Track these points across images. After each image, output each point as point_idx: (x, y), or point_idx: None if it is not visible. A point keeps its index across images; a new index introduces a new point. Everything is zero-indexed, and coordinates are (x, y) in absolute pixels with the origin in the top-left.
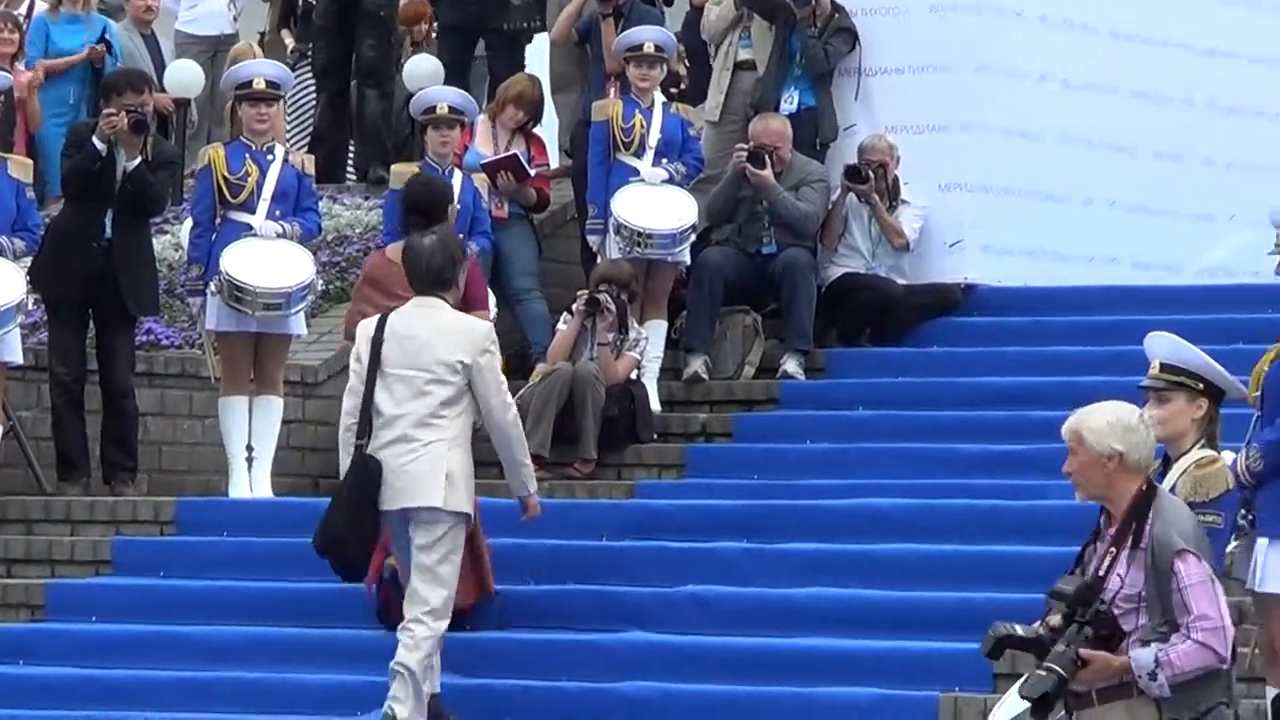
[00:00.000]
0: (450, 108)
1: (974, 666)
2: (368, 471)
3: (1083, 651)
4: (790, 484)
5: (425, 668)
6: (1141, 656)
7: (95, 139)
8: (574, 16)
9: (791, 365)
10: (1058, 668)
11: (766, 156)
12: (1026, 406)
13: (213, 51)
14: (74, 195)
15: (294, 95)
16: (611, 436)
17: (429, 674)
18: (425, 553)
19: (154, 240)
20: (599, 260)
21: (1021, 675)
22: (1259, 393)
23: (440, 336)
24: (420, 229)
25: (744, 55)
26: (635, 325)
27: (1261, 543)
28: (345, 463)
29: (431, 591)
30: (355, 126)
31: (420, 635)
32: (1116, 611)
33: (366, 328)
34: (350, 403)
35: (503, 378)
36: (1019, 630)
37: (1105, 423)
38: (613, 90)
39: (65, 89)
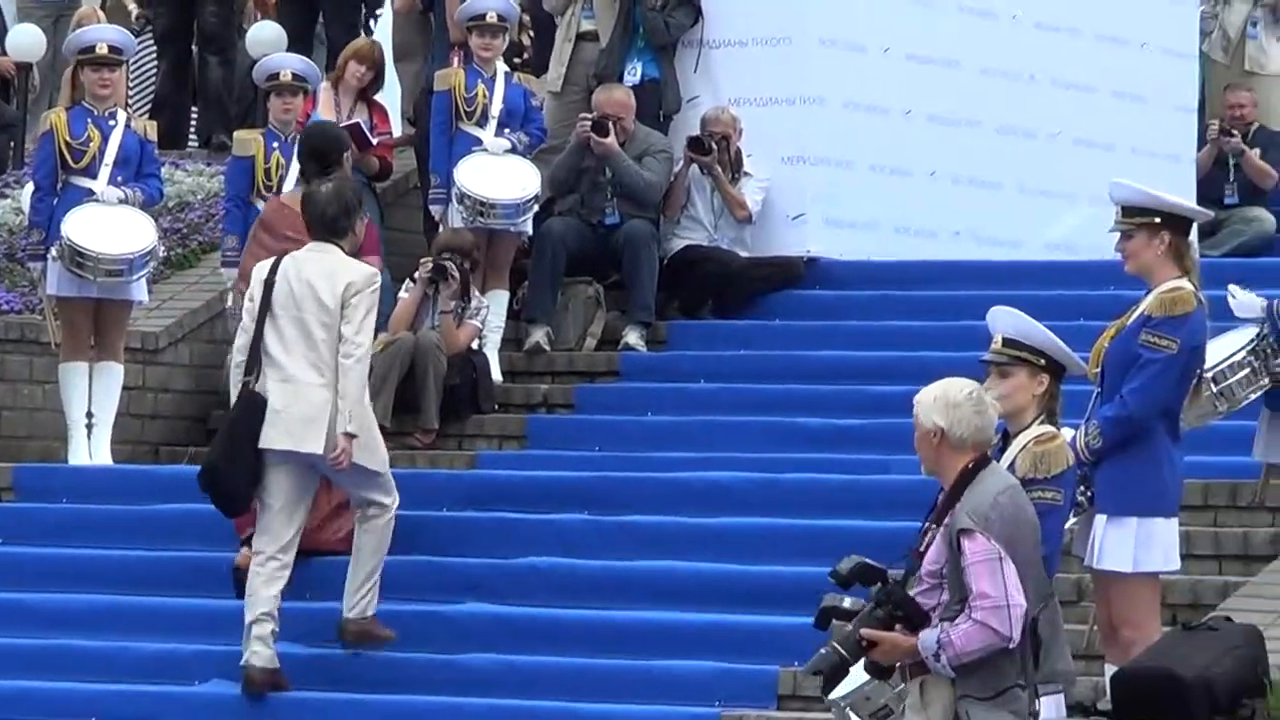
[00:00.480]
0: (293, 74)
1: (814, 641)
2: (253, 406)
3: (866, 632)
4: (631, 456)
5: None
6: (926, 637)
7: None
8: None
9: (633, 337)
10: (839, 646)
11: (610, 125)
12: (868, 381)
13: (55, 16)
14: None
15: (136, 61)
16: (453, 406)
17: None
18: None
19: None
20: (441, 229)
21: None
22: (1099, 369)
23: (326, 279)
24: (314, 175)
25: (586, 26)
26: (477, 294)
27: (1099, 520)
28: (232, 398)
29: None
30: (198, 93)
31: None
32: (923, 588)
33: (261, 270)
34: (241, 340)
35: (371, 321)
36: (845, 602)
37: (931, 398)
38: (456, 59)
39: None
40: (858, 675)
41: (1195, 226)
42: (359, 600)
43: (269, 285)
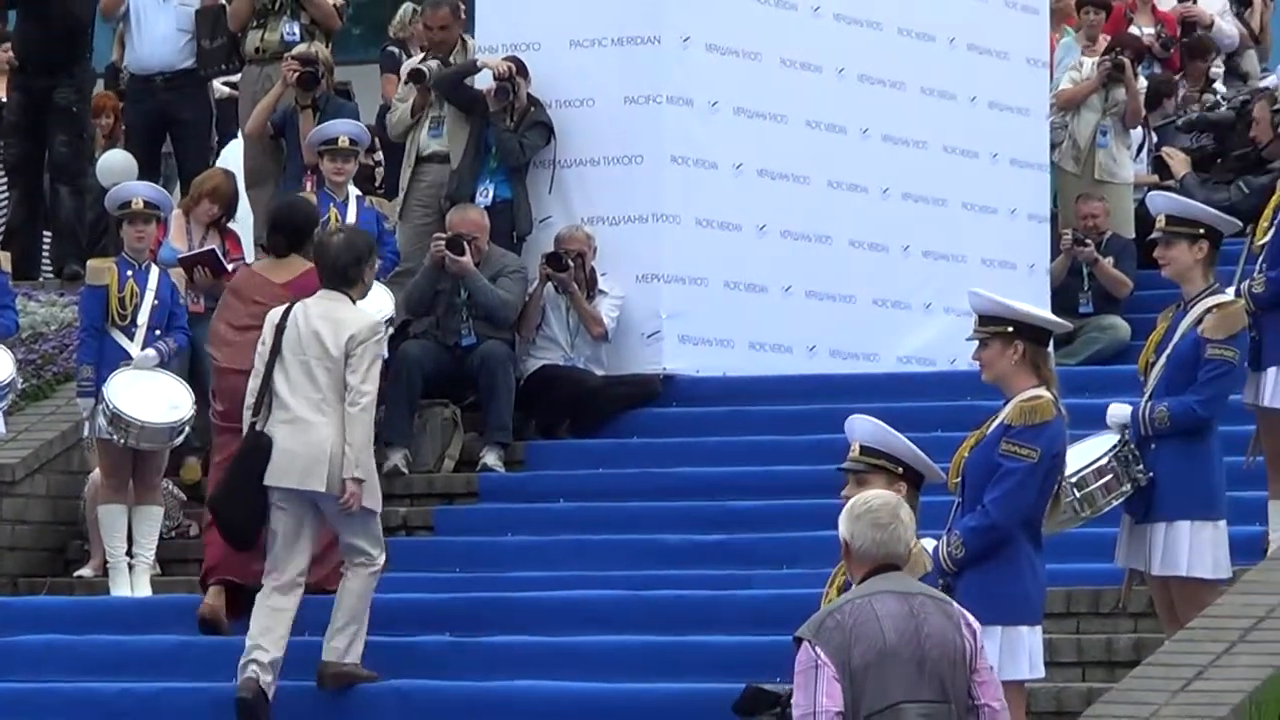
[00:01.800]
0: (145, 202)
1: None
2: (258, 446)
3: None
4: (493, 576)
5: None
6: None
7: None
8: (269, 109)
9: (491, 458)
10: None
11: (465, 245)
12: (728, 497)
13: None
14: None
15: None
16: None
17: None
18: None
19: None
20: None
21: None
22: (959, 479)
23: (331, 326)
24: (281, 252)
25: (433, 147)
26: None
27: None
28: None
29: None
30: (49, 222)
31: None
32: None
33: (274, 315)
34: (253, 384)
35: (376, 370)
36: (768, 687)
37: (844, 510)
38: (309, 184)
39: None
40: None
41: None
42: (338, 645)
43: (279, 330)
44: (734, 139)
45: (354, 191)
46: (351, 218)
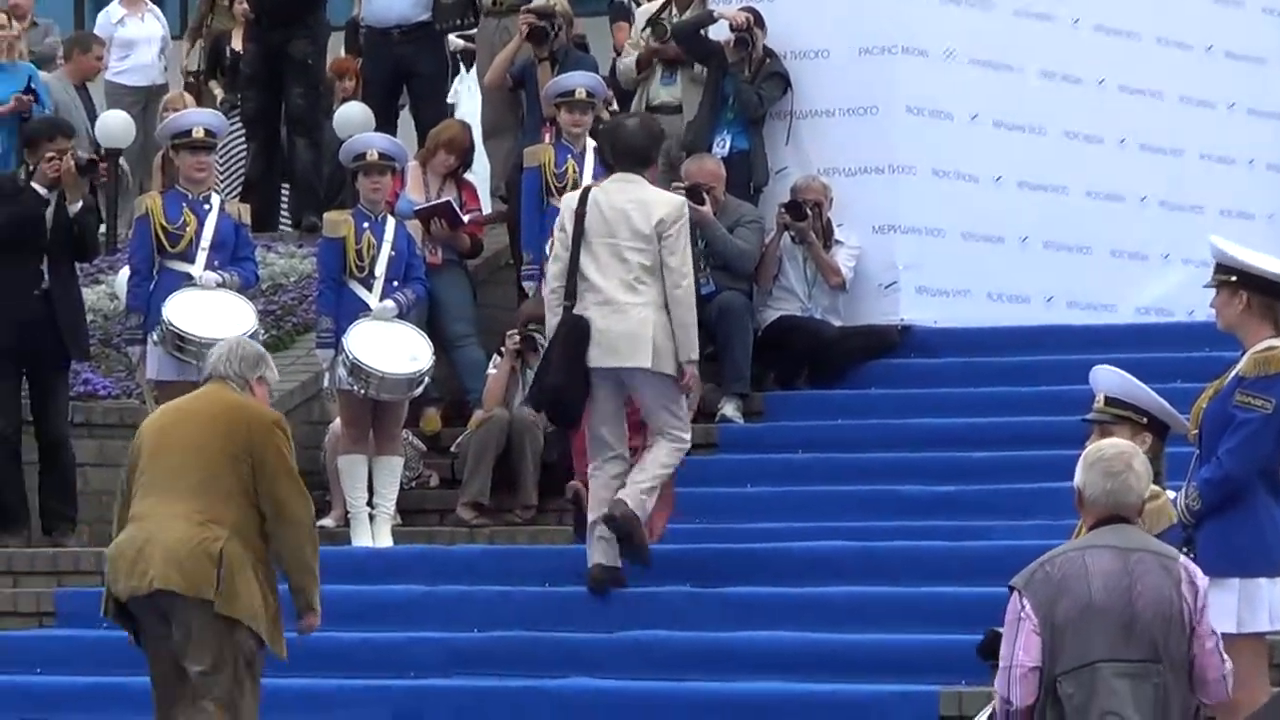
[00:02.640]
0: (380, 154)
1: (921, 709)
2: (577, 329)
3: None
4: (731, 528)
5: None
6: None
7: (35, 184)
8: (508, 61)
9: (730, 409)
10: None
11: (704, 194)
12: (966, 448)
13: (144, 102)
14: (5, 244)
15: (223, 145)
16: (551, 482)
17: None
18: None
19: (87, 290)
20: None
21: (968, 718)
22: (1198, 430)
23: (638, 207)
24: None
25: (664, 98)
26: None
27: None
28: (552, 324)
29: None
30: (287, 175)
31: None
32: None
33: (570, 201)
34: (555, 268)
35: (689, 247)
36: None
37: (1080, 458)
38: (547, 135)
39: None
40: None
41: None
42: (640, 487)
43: (579, 216)
44: (969, 89)
45: (590, 143)
46: (589, 169)
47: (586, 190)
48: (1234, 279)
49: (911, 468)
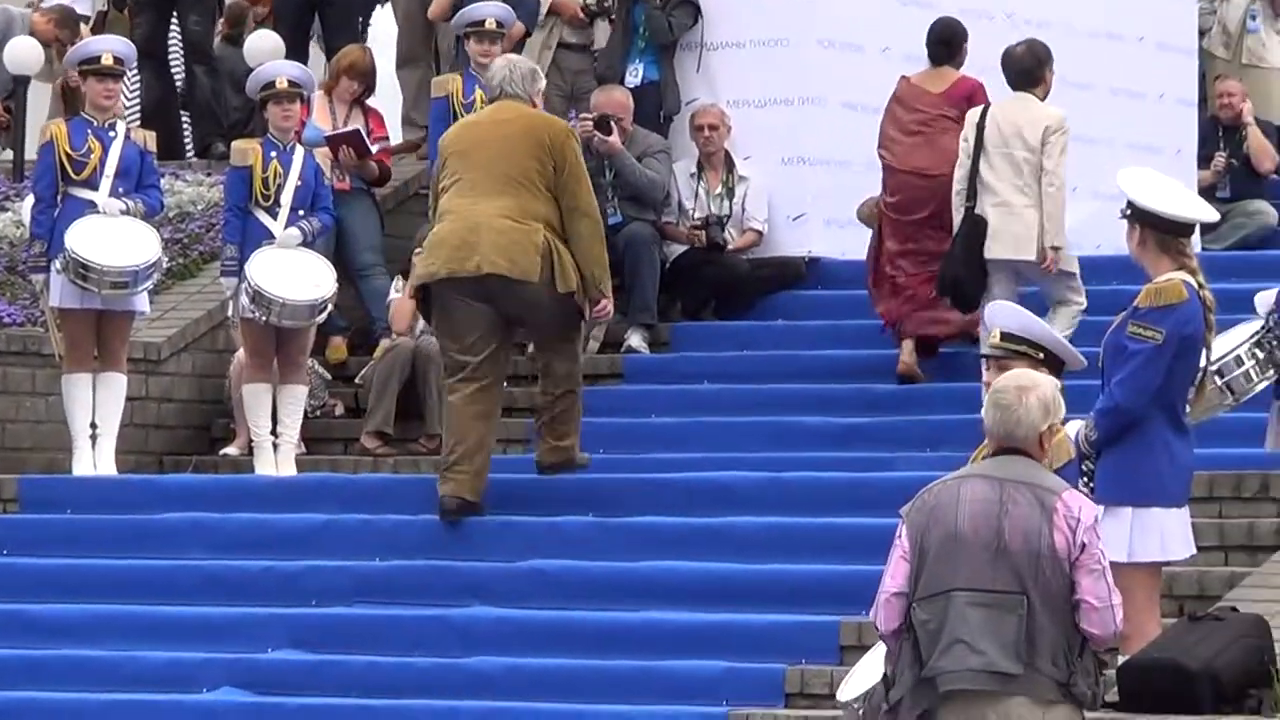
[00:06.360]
0: (290, 81)
1: (821, 639)
2: (976, 226)
3: None
4: (635, 458)
5: None
6: None
7: None
8: None
9: (636, 340)
10: None
11: (612, 125)
12: (871, 379)
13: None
14: None
15: None
16: None
17: None
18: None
19: None
20: None
21: (868, 647)
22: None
23: (1028, 122)
24: (940, 61)
25: (569, 37)
26: None
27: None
28: (956, 221)
29: None
30: (187, 103)
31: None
32: None
33: (972, 115)
34: (960, 173)
35: (1066, 154)
36: None
37: None
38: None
39: None
40: (868, 676)
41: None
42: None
43: (980, 129)
44: (881, 22)
45: None
46: None
47: (986, 107)
48: (1129, 212)
49: (817, 399)
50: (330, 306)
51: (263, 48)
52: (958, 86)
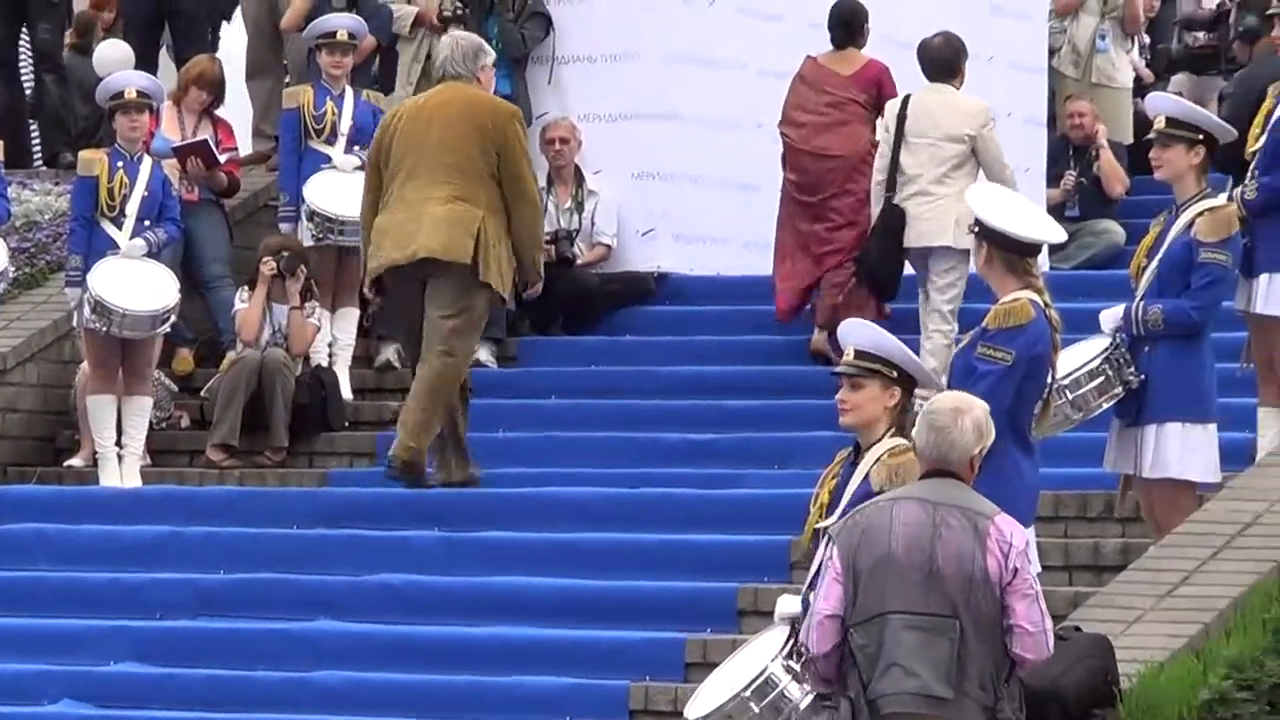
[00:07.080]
0: (139, 92)
1: (666, 655)
2: (894, 215)
3: None
4: (483, 472)
5: None
6: None
7: None
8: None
9: (484, 354)
10: None
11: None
12: (720, 396)
13: None
14: None
15: None
16: (302, 424)
17: None
18: (938, 289)
19: None
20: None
21: (714, 664)
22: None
23: (949, 112)
24: (841, 45)
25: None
26: (315, 301)
27: None
28: (875, 211)
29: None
30: (36, 112)
31: None
32: None
33: (892, 105)
34: (879, 163)
35: (1003, 149)
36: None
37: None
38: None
39: None
40: (717, 694)
41: (1046, 246)
42: None
43: (901, 119)
44: (733, 38)
45: (350, 86)
46: (348, 111)
47: (908, 96)
48: (976, 230)
49: (665, 415)
50: (173, 317)
51: (112, 57)
52: (866, 70)
